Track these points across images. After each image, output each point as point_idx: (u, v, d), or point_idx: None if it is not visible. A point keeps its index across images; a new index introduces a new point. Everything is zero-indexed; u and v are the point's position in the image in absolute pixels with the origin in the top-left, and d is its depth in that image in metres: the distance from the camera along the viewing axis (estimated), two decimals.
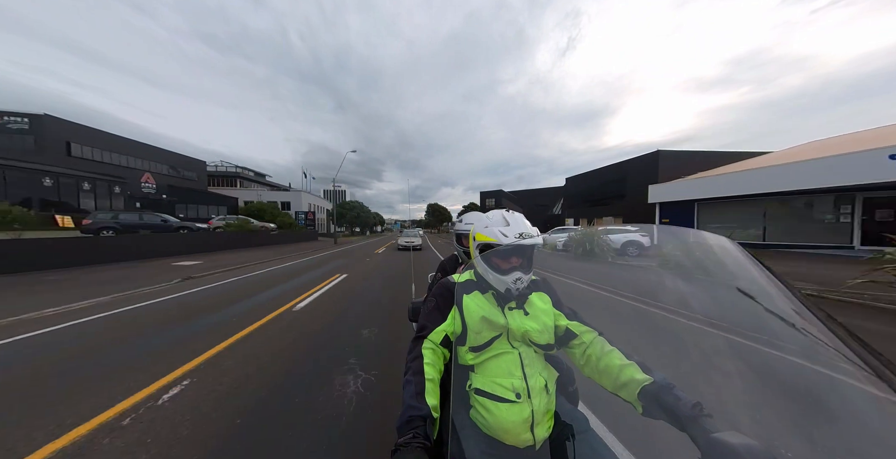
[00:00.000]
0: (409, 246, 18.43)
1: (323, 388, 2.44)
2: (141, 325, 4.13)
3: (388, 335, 3.67)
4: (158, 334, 3.78)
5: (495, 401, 0.82)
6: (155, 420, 2.05)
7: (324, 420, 2.04)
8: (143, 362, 2.97)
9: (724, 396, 0.72)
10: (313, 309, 4.96)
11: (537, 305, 0.97)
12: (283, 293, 6.27)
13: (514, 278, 0.90)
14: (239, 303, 5.37)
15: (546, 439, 0.82)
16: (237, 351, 3.21)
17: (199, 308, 5.00)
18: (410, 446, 0.63)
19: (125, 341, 3.55)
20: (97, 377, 2.68)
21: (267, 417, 2.08)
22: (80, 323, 4.19)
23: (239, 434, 1.92)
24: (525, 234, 0.93)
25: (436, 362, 0.87)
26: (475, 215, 1.65)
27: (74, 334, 3.79)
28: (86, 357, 3.08)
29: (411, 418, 0.70)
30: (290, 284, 7.31)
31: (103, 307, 4.97)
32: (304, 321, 4.27)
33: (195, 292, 6.32)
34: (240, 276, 8.47)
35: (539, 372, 0.88)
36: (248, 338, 3.61)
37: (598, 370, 0.84)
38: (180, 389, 2.46)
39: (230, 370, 2.78)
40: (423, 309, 1.03)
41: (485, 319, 0.91)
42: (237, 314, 4.63)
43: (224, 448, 1.80)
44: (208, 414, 2.12)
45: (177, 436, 1.90)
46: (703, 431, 0.61)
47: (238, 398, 2.33)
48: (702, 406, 0.65)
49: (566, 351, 0.96)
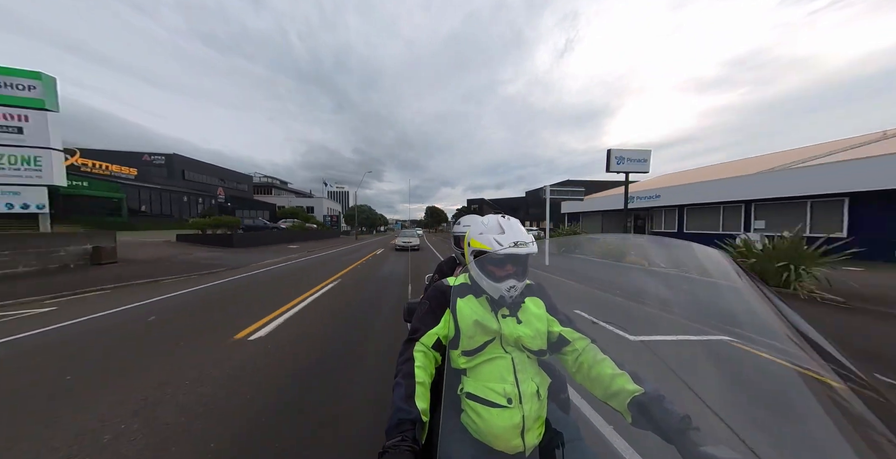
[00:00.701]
0: (406, 247, 17.35)
1: (392, 280, 9.57)
2: (304, 268, 10.54)
3: (410, 264, 11.76)
4: (315, 271, 9.65)
5: (487, 406, 0.81)
6: (322, 299, 5.64)
7: (395, 298, 5.75)
8: (312, 280, 7.82)
9: (712, 410, 0.69)
10: (378, 259, 13.52)
11: (531, 310, 0.96)
12: (360, 255, 15.12)
13: (508, 286, 0.90)
14: (340, 259, 13.53)
15: (536, 446, 0.81)
16: (354, 272, 10.84)
17: (324, 261, 13.17)
18: (398, 449, 0.63)
19: (303, 271, 9.72)
20: (299, 283, 7.45)
21: (368, 300, 5.58)
22: (282, 267, 10.77)
23: (360, 302, 5.37)
24: (520, 242, 0.91)
25: (427, 365, 0.86)
26: (472, 217, 1.63)
27: (282, 269, 10.22)
28: (290, 277, 8.57)
29: (400, 421, 0.70)
30: (359, 252, 16.55)
31: (284, 261, 12.36)
32: (377, 261, 12.66)
33: (313, 257, 14.67)
34: (326, 251, 17.09)
35: (531, 378, 0.87)
36: (356, 269, 10.31)
37: (589, 378, 0.84)
38: (331, 286, 6.92)
39: (352, 280, 8.06)
40: (417, 311, 1.02)
41: (478, 323, 0.90)
42: (344, 262, 12.82)
43: (354, 305, 5.18)
44: (344, 294, 6.15)
45: (330, 304, 5.22)
46: (691, 444, 0.61)
47: (357, 291, 6.46)
48: (690, 420, 0.66)
49: (559, 357, 0.94)
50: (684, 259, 0.98)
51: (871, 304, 4.99)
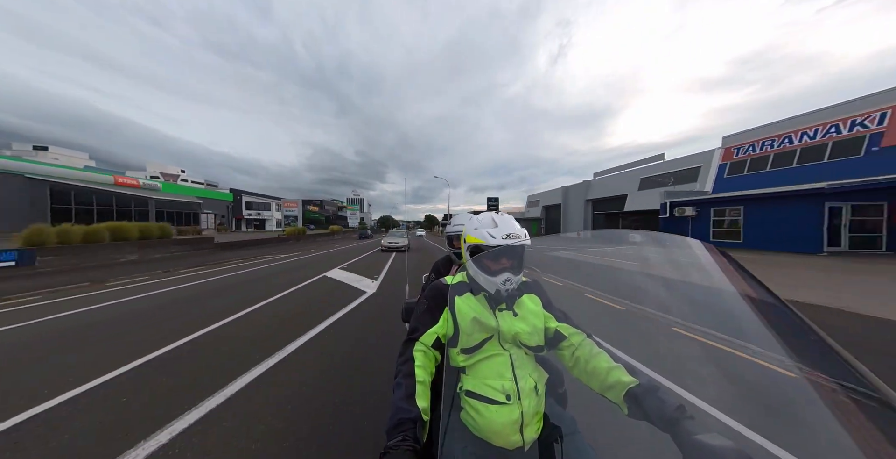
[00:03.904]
0: (392, 248, 15.68)
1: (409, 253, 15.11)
2: (349, 249, 18.00)
3: (424, 243, 19.81)
4: (356, 252, 16.23)
5: (485, 403, 0.82)
6: (342, 275, 8.38)
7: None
8: (350, 255, 14.17)
9: (705, 398, 0.74)
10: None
11: (528, 306, 0.98)
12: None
13: (503, 279, 0.92)
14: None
15: (535, 440, 0.82)
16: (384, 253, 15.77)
17: (372, 245, 21.09)
18: (400, 449, 0.63)
19: (352, 251, 16.89)
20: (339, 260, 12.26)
21: (393, 271, 9.21)
22: (334, 251, 16.85)
23: (388, 274, 8.55)
24: (513, 235, 0.94)
25: (427, 364, 0.87)
26: (464, 216, 1.63)
27: (335, 253, 15.95)
28: (338, 255, 14.28)
29: (401, 420, 0.70)
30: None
31: (342, 246, 21.38)
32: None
33: (365, 243, 24.09)
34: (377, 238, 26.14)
35: (529, 374, 0.88)
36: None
37: (586, 372, 0.85)
38: (357, 259, 12.47)
39: (382, 256, 14.00)
40: (416, 311, 1.03)
41: (476, 320, 0.91)
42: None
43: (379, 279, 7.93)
44: (370, 267, 9.89)
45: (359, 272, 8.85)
46: (686, 433, 0.62)
47: (387, 267, 10.16)
48: (684, 409, 0.67)
49: (556, 353, 0.95)
50: (676, 254, 0.96)
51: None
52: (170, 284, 6.98)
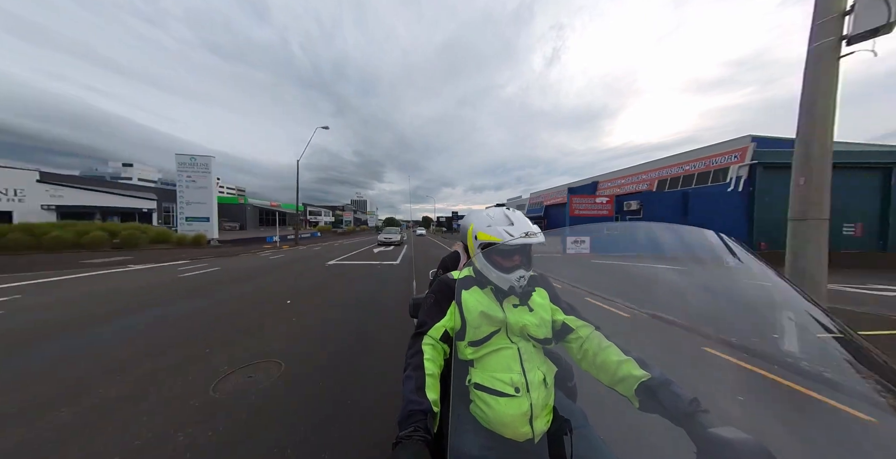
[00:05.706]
0: (388, 242, 18.12)
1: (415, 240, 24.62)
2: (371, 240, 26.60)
3: (424, 240, 26.25)
4: (368, 244, 22.54)
5: (494, 396, 0.83)
6: (362, 253, 15.33)
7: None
8: (366, 244, 21.67)
9: (720, 391, 0.70)
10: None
11: (535, 299, 0.98)
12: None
13: (517, 275, 0.92)
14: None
15: (544, 432, 0.82)
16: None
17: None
18: (412, 439, 0.64)
19: (364, 241, 26.00)
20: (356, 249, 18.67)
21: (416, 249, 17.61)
22: (357, 242, 26.45)
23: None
24: (530, 233, 0.94)
25: (435, 357, 0.88)
26: (475, 213, 1.57)
27: (363, 243, 24.15)
28: (354, 245, 21.54)
29: (412, 412, 0.71)
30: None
31: (360, 239, 30.86)
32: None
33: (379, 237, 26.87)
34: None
35: (538, 366, 0.88)
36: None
37: (595, 365, 0.85)
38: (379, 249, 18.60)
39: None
40: (423, 306, 1.04)
41: (483, 314, 0.92)
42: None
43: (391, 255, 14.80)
44: (393, 252, 16.17)
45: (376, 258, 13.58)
46: (700, 426, 0.61)
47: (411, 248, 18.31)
48: (699, 402, 0.66)
49: (564, 346, 0.96)
50: (693, 246, 0.94)
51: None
52: (311, 248, 18.26)
